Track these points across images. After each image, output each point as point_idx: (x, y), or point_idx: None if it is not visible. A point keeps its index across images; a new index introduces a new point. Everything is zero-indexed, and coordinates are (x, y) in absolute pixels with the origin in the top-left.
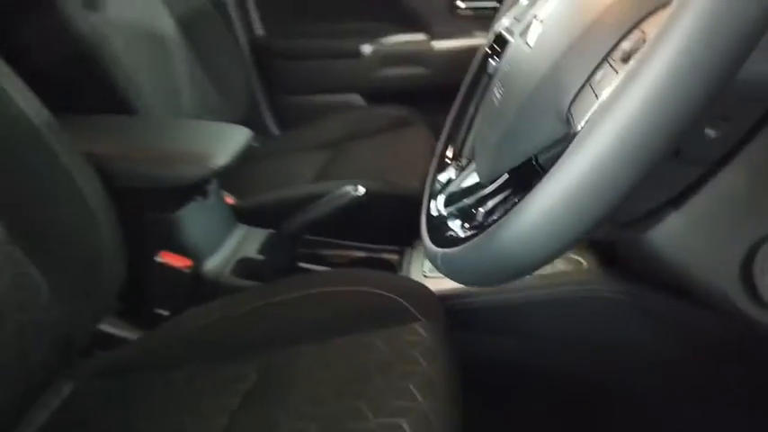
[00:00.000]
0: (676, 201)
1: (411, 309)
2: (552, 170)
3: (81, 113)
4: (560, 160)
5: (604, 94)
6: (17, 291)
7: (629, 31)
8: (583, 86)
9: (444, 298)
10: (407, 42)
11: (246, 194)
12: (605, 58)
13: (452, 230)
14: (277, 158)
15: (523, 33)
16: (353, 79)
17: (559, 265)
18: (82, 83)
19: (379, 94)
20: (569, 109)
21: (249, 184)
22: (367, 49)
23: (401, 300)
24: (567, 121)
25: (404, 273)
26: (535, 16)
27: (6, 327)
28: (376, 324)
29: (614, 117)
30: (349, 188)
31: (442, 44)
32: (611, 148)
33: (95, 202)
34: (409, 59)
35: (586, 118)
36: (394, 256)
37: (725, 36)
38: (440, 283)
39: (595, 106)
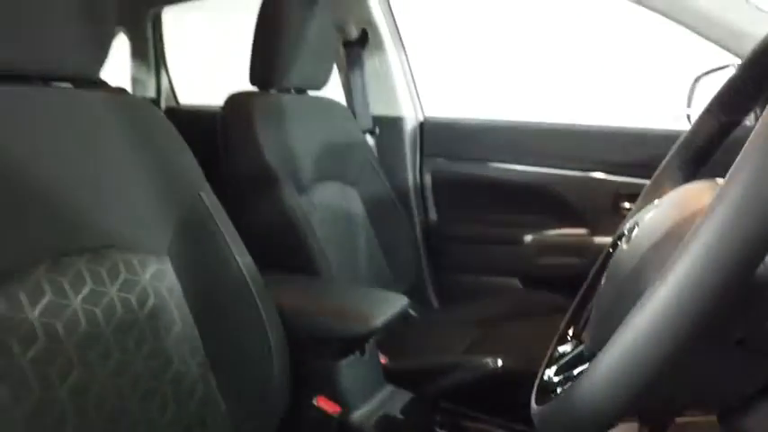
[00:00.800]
0: (765, 391)
1: None
2: (610, 341)
3: (278, 270)
4: (616, 332)
5: None
6: (203, 407)
7: None
8: None
9: None
10: (569, 235)
11: (398, 357)
12: None
13: (556, 394)
14: (432, 329)
15: (630, 233)
16: (513, 264)
17: None
18: (282, 247)
19: (536, 281)
20: None
21: (402, 349)
22: (528, 238)
23: None
24: None
25: None
26: (638, 221)
27: None
28: None
29: (652, 301)
30: (488, 360)
31: (603, 239)
32: (647, 327)
33: (275, 344)
34: (569, 251)
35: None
36: None
37: (722, 259)
38: None
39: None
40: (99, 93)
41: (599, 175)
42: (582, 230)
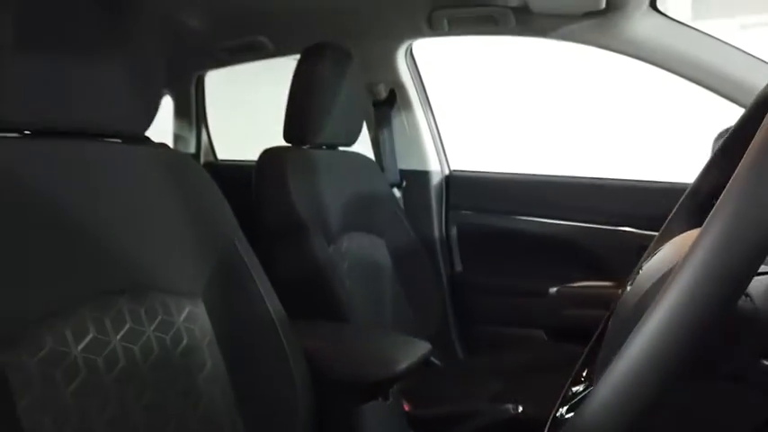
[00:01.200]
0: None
1: None
2: (605, 373)
3: (306, 317)
4: (610, 365)
5: None
6: None
7: None
8: None
9: None
10: (594, 287)
11: (421, 405)
12: None
13: None
14: (456, 378)
15: (636, 276)
16: (538, 316)
17: None
18: (311, 294)
19: (561, 333)
20: None
21: (426, 396)
22: (553, 290)
23: None
24: None
25: None
26: (643, 265)
27: None
28: None
29: (639, 336)
30: (509, 406)
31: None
32: (635, 360)
33: (301, 387)
34: (594, 303)
35: None
36: None
37: (699, 293)
38: None
39: None
40: (145, 147)
41: (625, 228)
42: (607, 283)
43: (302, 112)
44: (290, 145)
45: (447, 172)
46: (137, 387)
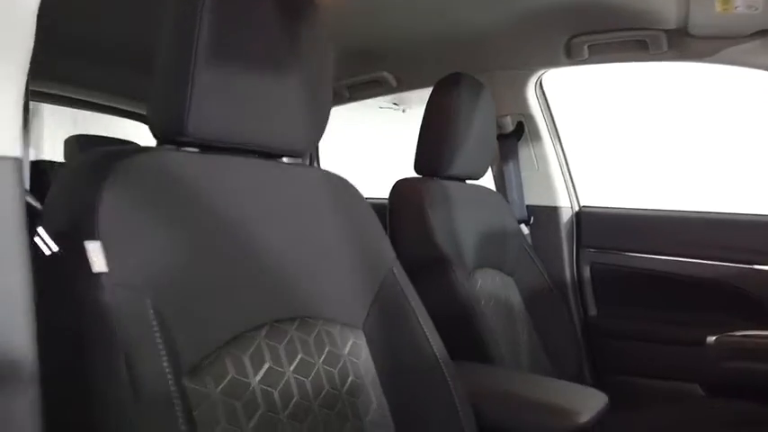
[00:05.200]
0: None
1: None
2: None
3: (458, 357)
4: None
5: None
6: None
7: None
8: None
9: None
10: (761, 336)
11: None
12: None
13: None
14: None
15: None
16: (693, 368)
17: None
18: (452, 331)
19: (721, 388)
20: None
21: None
22: (711, 339)
23: None
24: None
25: None
26: None
27: None
28: None
29: None
30: None
31: None
32: None
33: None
34: (761, 354)
35: None
36: None
37: None
38: None
39: None
40: (313, 169)
41: None
42: None
43: (436, 144)
44: (421, 176)
45: (577, 208)
46: (310, 426)
